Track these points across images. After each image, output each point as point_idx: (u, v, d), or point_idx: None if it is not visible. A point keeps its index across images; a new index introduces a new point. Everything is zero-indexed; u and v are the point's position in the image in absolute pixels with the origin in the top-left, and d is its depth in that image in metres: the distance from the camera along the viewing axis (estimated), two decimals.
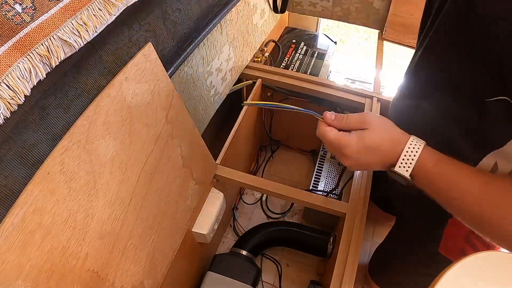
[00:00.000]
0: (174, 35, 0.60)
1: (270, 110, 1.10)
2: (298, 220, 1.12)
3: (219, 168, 0.78)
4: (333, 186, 1.00)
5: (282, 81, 0.97)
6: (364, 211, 0.69)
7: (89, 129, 0.41)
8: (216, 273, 0.81)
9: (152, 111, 0.52)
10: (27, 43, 0.32)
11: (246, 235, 0.95)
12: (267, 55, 1.09)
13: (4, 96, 0.30)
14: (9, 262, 0.34)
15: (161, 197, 0.57)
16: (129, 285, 0.53)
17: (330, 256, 0.87)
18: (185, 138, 0.61)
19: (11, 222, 0.33)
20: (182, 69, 0.64)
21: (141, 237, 0.54)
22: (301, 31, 1.27)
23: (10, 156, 0.35)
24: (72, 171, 0.40)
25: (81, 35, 0.36)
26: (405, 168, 0.43)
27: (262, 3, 0.95)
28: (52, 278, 0.39)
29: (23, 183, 0.36)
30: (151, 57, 0.50)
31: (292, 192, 0.73)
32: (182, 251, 0.68)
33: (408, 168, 0.43)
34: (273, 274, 1.00)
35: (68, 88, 0.40)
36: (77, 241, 0.42)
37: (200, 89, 0.74)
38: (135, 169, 0.50)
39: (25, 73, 0.32)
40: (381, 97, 0.93)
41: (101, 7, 0.38)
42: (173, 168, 0.60)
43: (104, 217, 0.45)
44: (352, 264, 0.62)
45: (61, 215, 0.39)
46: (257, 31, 0.97)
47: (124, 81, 0.46)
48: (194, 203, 0.69)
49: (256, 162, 1.26)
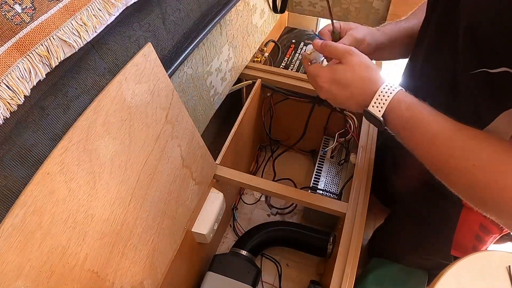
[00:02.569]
0: (174, 35, 0.60)
1: (270, 110, 1.10)
2: (298, 220, 1.12)
3: (219, 168, 0.78)
4: (333, 186, 1.00)
5: (281, 81, 0.97)
6: (364, 211, 0.69)
7: (88, 130, 0.41)
8: (216, 273, 0.81)
9: (152, 111, 0.52)
10: (26, 43, 0.32)
11: (246, 235, 0.95)
12: (266, 55, 1.09)
13: (3, 96, 0.30)
14: (9, 263, 0.34)
15: (161, 197, 0.57)
16: (129, 285, 0.53)
17: (330, 256, 0.87)
18: (185, 138, 0.61)
19: (11, 222, 0.33)
20: (181, 69, 0.64)
21: (141, 237, 0.54)
22: (300, 31, 1.27)
23: (10, 156, 0.35)
24: (72, 171, 0.40)
25: (80, 35, 0.36)
26: (378, 108, 0.43)
27: (261, 3, 0.95)
28: (52, 278, 0.39)
29: (23, 183, 0.36)
30: (151, 57, 0.50)
31: (292, 192, 0.73)
32: (182, 251, 0.68)
33: (381, 109, 0.43)
34: (273, 274, 1.00)
35: (67, 88, 0.40)
36: (77, 242, 0.42)
37: (199, 89, 0.74)
38: (135, 169, 0.50)
39: (24, 73, 0.32)
40: None
41: (100, 7, 0.38)
42: (173, 168, 0.60)
43: (104, 217, 0.45)
44: (352, 264, 0.62)
45: (61, 215, 0.39)
46: (257, 31, 0.97)
47: (124, 81, 0.46)
48: (194, 203, 0.69)
49: (256, 162, 1.26)
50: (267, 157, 1.27)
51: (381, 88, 0.44)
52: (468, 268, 0.58)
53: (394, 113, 0.43)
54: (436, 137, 0.40)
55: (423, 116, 0.41)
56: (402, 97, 0.43)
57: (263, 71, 0.99)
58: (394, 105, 0.43)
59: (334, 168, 1.05)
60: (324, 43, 0.50)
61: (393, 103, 0.43)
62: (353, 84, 0.46)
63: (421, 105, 0.42)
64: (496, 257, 0.59)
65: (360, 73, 0.45)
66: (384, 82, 0.45)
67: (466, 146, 0.38)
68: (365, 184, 0.74)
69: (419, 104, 0.42)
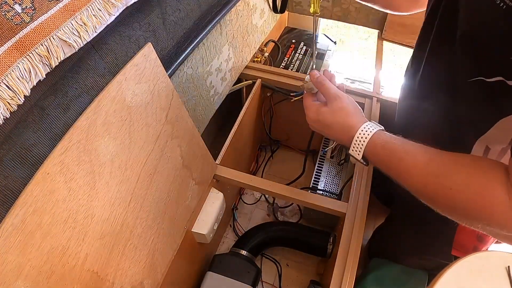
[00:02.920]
0: (174, 35, 0.60)
1: (270, 110, 1.10)
2: (298, 220, 1.12)
3: (219, 168, 0.78)
4: (333, 186, 1.00)
5: (281, 81, 0.97)
6: (364, 211, 0.69)
7: (88, 130, 0.41)
8: (216, 273, 0.81)
9: (152, 111, 0.52)
10: (26, 43, 0.32)
11: (246, 235, 0.95)
12: (266, 55, 1.09)
13: (3, 96, 0.30)
14: (9, 263, 0.34)
15: (161, 197, 0.57)
16: (129, 285, 0.53)
17: (330, 256, 0.87)
18: (185, 138, 0.61)
19: (11, 222, 0.33)
20: (181, 69, 0.64)
21: (141, 237, 0.54)
22: (300, 31, 1.27)
23: (10, 156, 0.35)
24: (72, 171, 0.40)
25: (80, 35, 0.36)
26: (357, 152, 0.48)
27: (261, 3, 0.95)
28: (52, 278, 0.39)
29: (23, 184, 0.36)
30: (151, 57, 0.50)
31: (292, 192, 0.73)
32: (182, 251, 0.68)
33: (359, 152, 0.47)
34: (273, 274, 1.00)
35: (67, 88, 0.40)
36: (77, 242, 0.42)
37: (199, 89, 0.74)
38: (135, 169, 0.50)
39: (24, 73, 0.32)
40: (381, 97, 0.93)
41: (100, 7, 0.38)
42: (173, 168, 0.60)
43: (104, 217, 0.45)
44: (352, 264, 0.62)
45: (61, 215, 0.39)
46: (257, 31, 0.97)
47: (124, 81, 0.46)
48: (194, 203, 0.69)
49: (256, 162, 1.26)
50: (267, 157, 1.27)
51: (357, 134, 0.48)
52: (468, 268, 0.58)
53: (372, 153, 0.47)
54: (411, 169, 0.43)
55: (396, 152, 0.44)
56: (376, 139, 0.47)
57: (263, 71, 0.99)
58: (370, 147, 0.47)
59: (334, 168, 1.05)
60: (320, 80, 0.53)
61: (369, 146, 0.47)
62: (333, 127, 0.51)
63: (394, 142, 0.45)
64: (496, 257, 0.59)
65: (340, 118, 0.50)
66: (360, 127, 0.48)
67: (440, 172, 0.40)
68: (365, 184, 0.74)
69: (393, 142, 0.46)
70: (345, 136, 0.50)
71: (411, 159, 0.43)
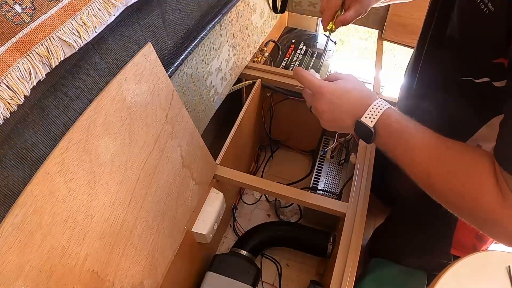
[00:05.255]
0: (174, 35, 0.60)
1: (270, 110, 1.10)
2: (298, 220, 1.12)
3: (219, 168, 0.78)
4: (333, 186, 1.00)
5: (281, 81, 0.97)
6: (364, 211, 0.69)
7: (88, 130, 0.41)
8: (216, 273, 0.81)
9: (152, 111, 0.52)
10: (26, 43, 0.32)
11: (246, 235, 0.95)
12: (266, 55, 1.09)
13: (3, 96, 0.30)
14: (9, 263, 0.34)
15: (161, 197, 0.57)
16: (129, 285, 0.53)
17: (330, 256, 0.87)
18: (184, 138, 0.61)
19: (11, 222, 0.33)
20: (181, 69, 0.64)
21: (141, 237, 0.54)
22: (300, 31, 1.27)
23: (10, 156, 0.35)
24: (71, 171, 0.40)
25: (80, 35, 0.36)
26: (370, 119, 0.47)
27: (261, 3, 0.95)
28: (52, 279, 0.39)
29: (23, 184, 0.36)
30: (151, 57, 0.50)
31: (292, 192, 0.73)
32: (182, 251, 0.68)
33: (373, 120, 0.47)
34: (273, 274, 1.00)
35: (67, 88, 0.40)
36: (77, 242, 0.42)
37: (199, 89, 0.74)
38: (135, 169, 0.50)
39: (24, 73, 0.32)
40: (381, 96, 0.93)
41: (100, 7, 0.38)
42: (173, 168, 0.60)
43: (104, 217, 0.45)
44: (352, 264, 0.62)
45: (60, 215, 0.39)
46: (257, 31, 0.97)
47: (124, 81, 0.46)
48: (194, 203, 0.69)
49: (256, 162, 1.26)
50: (267, 157, 1.27)
51: (375, 102, 0.48)
52: (468, 268, 0.58)
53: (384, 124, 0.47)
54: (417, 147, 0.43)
55: (408, 129, 0.45)
56: (391, 112, 0.47)
57: (263, 71, 0.99)
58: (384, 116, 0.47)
59: (334, 168, 1.05)
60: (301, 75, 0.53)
61: (384, 114, 0.47)
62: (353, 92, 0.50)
63: (408, 120, 0.46)
64: (495, 257, 0.59)
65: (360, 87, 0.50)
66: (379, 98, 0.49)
67: (443, 155, 0.41)
68: (365, 184, 0.74)
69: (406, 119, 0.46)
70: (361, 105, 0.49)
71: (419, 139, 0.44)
